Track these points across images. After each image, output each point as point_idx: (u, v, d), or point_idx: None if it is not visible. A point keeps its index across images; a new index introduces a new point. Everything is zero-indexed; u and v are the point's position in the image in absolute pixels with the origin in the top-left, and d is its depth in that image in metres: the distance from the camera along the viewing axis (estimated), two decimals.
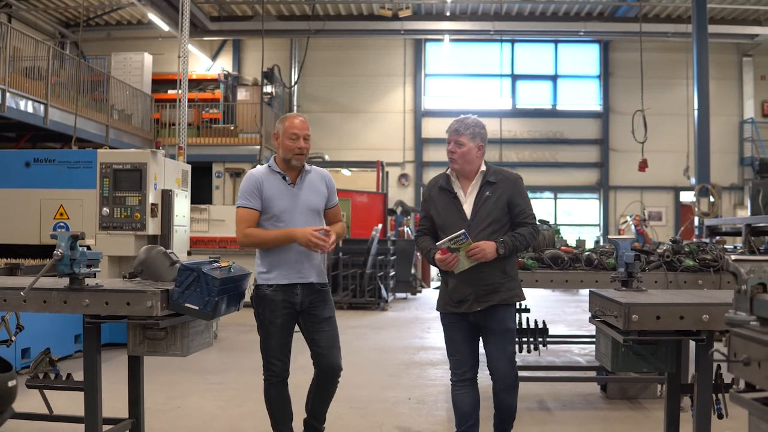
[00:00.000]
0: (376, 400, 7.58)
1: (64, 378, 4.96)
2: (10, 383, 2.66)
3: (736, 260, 2.79)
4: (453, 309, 5.06)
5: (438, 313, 5.22)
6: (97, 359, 4.69)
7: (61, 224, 9.79)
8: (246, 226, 5.06)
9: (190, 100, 15.14)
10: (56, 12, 24.34)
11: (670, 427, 4.81)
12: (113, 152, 10.41)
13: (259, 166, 5.30)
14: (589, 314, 4.98)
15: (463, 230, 4.78)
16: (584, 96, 28.27)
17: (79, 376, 4.89)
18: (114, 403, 5.66)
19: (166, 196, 10.19)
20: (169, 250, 5.12)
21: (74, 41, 25.24)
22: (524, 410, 6.76)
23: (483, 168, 5.11)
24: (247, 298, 4.96)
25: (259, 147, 22.11)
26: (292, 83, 26.65)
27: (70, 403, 5.45)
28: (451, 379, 5.20)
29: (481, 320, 5.02)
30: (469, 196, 5.08)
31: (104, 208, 9.83)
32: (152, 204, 9.91)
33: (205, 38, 25.09)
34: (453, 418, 5.34)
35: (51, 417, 4.90)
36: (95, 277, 4.76)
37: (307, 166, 5.23)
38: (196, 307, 4.48)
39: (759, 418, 2.51)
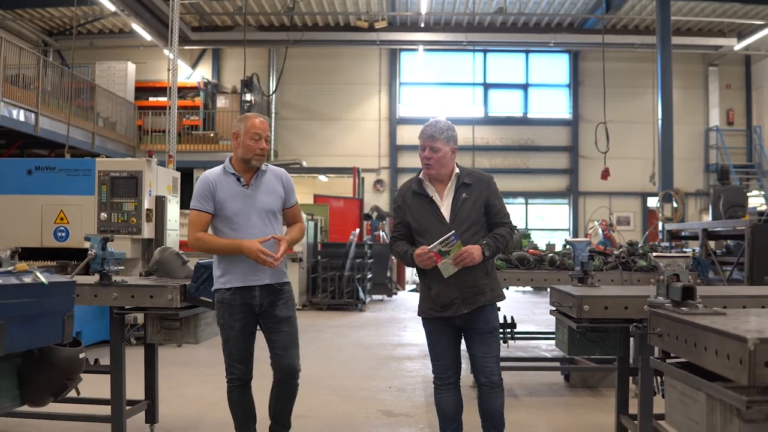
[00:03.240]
0: (359, 389, 8.25)
1: (92, 363, 5.61)
2: (81, 355, 3.30)
3: (656, 256, 3.52)
4: (438, 314, 4.92)
5: (416, 314, 5.13)
6: (122, 345, 5.36)
7: (62, 228, 10.36)
8: (197, 230, 4.95)
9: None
10: (41, 21, 24.71)
11: (620, 405, 5.56)
12: (111, 161, 10.94)
13: (213, 168, 5.11)
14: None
15: (453, 231, 4.68)
16: (554, 104, 28.77)
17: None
18: None
19: (160, 202, 10.72)
20: (181, 252, 5.78)
21: (57, 49, 25.61)
22: None
23: (456, 170, 5.00)
24: None
25: None
26: (271, 91, 27.10)
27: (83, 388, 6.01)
28: (434, 383, 5.08)
29: (467, 323, 4.93)
30: (445, 199, 4.94)
31: (102, 213, 10.36)
32: (147, 209, 10.45)
33: (186, 47, 25.53)
34: (431, 402, 5.91)
35: (78, 399, 5.46)
36: (118, 274, 5.40)
37: (263, 166, 5.09)
38: (210, 300, 5.14)
39: (671, 376, 3.24)
